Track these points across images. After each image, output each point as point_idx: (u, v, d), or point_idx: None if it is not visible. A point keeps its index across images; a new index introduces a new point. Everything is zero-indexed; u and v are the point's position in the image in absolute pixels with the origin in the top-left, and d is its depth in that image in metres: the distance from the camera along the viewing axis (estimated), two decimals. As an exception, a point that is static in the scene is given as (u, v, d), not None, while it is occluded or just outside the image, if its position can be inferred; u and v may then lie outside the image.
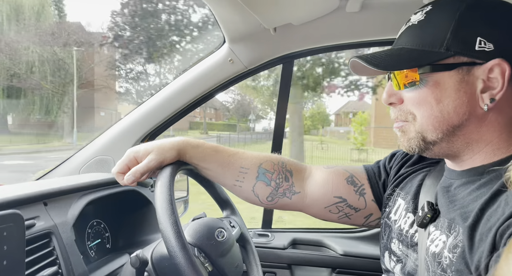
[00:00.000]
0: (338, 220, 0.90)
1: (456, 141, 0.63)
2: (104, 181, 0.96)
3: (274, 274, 1.33)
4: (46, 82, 17.62)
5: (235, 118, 29.14)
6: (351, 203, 0.87)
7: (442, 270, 0.58)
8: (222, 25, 1.13)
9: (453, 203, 0.62)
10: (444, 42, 0.60)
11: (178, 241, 0.67)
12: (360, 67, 0.73)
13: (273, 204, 0.90)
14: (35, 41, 17.07)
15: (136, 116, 1.29)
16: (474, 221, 0.55)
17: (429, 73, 0.61)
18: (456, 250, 0.57)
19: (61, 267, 0.70)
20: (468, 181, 0.62)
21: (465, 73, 0.60)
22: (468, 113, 0.61)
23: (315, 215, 0.91)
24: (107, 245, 1.04)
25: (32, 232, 0.67)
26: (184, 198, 1.40)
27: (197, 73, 1.25)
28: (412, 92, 0.64)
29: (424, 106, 0.63)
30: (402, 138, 0.68)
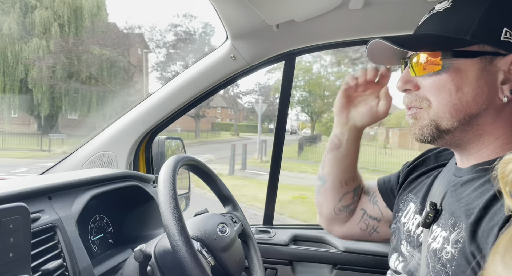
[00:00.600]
0: (371, 236, 0.93)
1: (469, 131, 0.63)
2: (107, 176, 0.96)
3: (276, 270, 1.34)
4: (113, 85, 17.60)
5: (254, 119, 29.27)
6: (370, 212, 0.92)
7: (442, 265, 0.59)
8: (225, 21, 1.13)
9: (460, 201, 0.62)
10: (470, 30, 0.60)
11: (182, 236, 0.68)
12: (377, 54, 0.73)
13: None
14: (100, 44, 17.06)
15: (138, 112, 1.29)
16: (477, 218, 0.55)
17: (451, 59, 0.61)
18: (457, 245, 0.57)
19: (66, 260, 0.71)
20: (474, 177, 0.62)
21: (487, 62, 0.60)
22: (487, 103, 0.60)
23: (351, 236, 0.96)
24: (109, 240, 1.04)
25: (37, 225, 0.67)
26: (185, 194, 1.41)
27: (199, 69, 1.26)
28: (430, 78, 0.63)
29: (443, 93, 0.62)
30: (414, 126, 0.67)
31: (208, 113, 25.20)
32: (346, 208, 0.93)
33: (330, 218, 0.95)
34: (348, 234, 0.96)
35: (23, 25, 16.19)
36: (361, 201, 0.94)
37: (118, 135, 1.30)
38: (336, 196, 0.92)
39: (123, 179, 1.03)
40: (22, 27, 16.16)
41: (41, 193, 0.73)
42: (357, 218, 0.93)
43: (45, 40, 16.18)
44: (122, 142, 1.29)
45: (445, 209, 0.65)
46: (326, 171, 0.93)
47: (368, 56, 0.74)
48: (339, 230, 0.96)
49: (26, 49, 16.06)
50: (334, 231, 0.97)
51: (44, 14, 16.20)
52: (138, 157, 1.35)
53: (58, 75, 16.46)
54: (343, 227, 0.95)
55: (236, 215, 1.00)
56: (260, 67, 1.28)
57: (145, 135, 1.33)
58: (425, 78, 0.64)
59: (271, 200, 1.45)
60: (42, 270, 0.65)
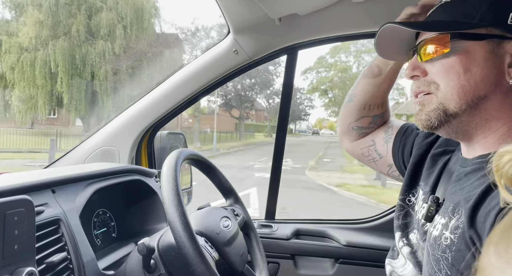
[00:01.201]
0: (368, 163, 1.00)
1: (477, 115, 0.63)
2: (110, 171, 0.96)
3: (278, 264, 1.35)
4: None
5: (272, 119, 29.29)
6: (378, 147, 0.96)
7: (442, 251, 0.60)
8: (227, 15, 1.13)
9: (462, 190, 0.62)
10: (478, 14, 0.61)
11: (186, 232, 0.68)
12: (385, 47, 0.75)
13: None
14: (157, 46, 16.98)
15: (140, 107, 1.29)
16: (475, 203, 0.56)
17: (460, 40, 0.62)
18: (457, 231, 0.58)
19: (70, 253, 0.71)
20: (478, 168, 0.62)
21: (495, 45, 0.61)
22: (494, 85, 0.61)
23: (354, 154, 1.04)
24: (112, 234, 1.05)
25: (41, 218, 0.68)
26: (187, 189, 1.41)
27: (201, 64, 1.25)
28: (439, 62, 0.64)
29: (451, 75, 0.62)
30: (420, 112, 0.67)
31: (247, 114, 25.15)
32: (359, 129, 0.99)
33: (343, 131, 1.03)
34: (351, 151, 1.05)
35: (88, 27, 16.06)
36: (376, 133, 0.98)
37: (120, 130, 1.30)
38: (355, 115, 0.98)
39: (125, 173, 1.03)
40: (88, 30, 16.04)
41: (45, 186, 0.74)
42: (364, 144, 0.99)
43: (110, 42, 16.04)
44: (124, 137, 1.29)
45: (447, 198, 0.66)
46: (356, 92, 0.98)
47: (376, 49, 0.75)
48: (346, 144, 1.05)
49: (92, 52, 15.89)
50: (343, 142, 1.06)
51: (109, 16, 16.03)
52: (140, 151, 1.35)
53: (123, 77, 16.40)
54: (350, 143, 1.03)
55: (237, 207, 1.00)
56: (262, 62, 1.28)
57: (147, 130, 1.33)
58: (434, 63, 0.65)
59: (273, 195, 1.45)
60: (47, 262, 0.66)
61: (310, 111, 33.12)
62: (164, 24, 20.31)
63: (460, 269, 0.56)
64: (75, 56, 15.83)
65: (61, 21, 15.64)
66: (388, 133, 0.95)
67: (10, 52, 15.69)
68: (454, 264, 0.57)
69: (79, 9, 16.01)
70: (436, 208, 0.67)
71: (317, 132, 39.39)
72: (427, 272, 0.64)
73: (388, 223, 1.38)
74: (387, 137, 0.95)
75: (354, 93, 0.98)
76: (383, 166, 0.96)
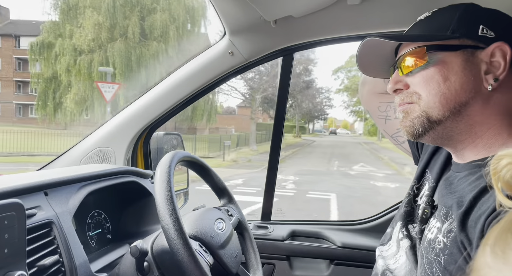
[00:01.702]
0: (378, 119, 1.00)
1: (460, 122, 0.65)
2: (104, 172, 0.96)
3: (273, 265, 1.35)
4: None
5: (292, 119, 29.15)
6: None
7: (436, 254, 0.61)
8: (223, 17, 1.13)
9: (454, 194, 0.64)
10: (449, 27, 0.65)
11: (181, 239, 0.68)
12: (366, 64, 0.77)
13: None
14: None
15: (136, 108, 1.29)
16: (467, 208, 0.57)
17: (436, 51, 0.65)
18: (450, 234, 0.59)
19: (62, 256, 0.71)
20: (470, 173, 0.63)
21: (470, 54, 0.64)
22: (474, 91, 0.63)
23: (368, 104, 1.02)
24: (107, 235, 1.05)
25: (33, 221, 0.68)
26: (184, 189, 1.41)
27: (197, 65, 1.25)
28: (419, 73, 0.67)
29: (431, 85, 0.65)
30: (404, 119, 0.69)
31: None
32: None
33: (372, 79, 0.97)
34: (367, 100, 1.02)
35: (141, 29, 15.90)
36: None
37: (116, 131, 1.30)
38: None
39: (121, 174, 1.03)
40: (141, 31, 15.88)
41: (37, 189, 0.74)
42: (387, 99, 0.97)
43: (164, 43, 15.89)
44: (120, 138, 1.30)
45: (439, 201, 0.67)
46: None
47: (358, 65, 0.78)
48: (366, 92, 1.02)
49: (146, 53, 15.74)
50: (363, 89, 1.03)
51: (162, 17, 15.86)
52: (136, 152, 1.35)
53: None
54: (371, 93, 1.00)
55: (231, 207, 1.01)
56: (258, 63, 1.28)
57: (143, 131, 1.33)
58: (414, 75, 0.68)
59: (269, 196, 1.45)
60: (38, 265, 0.66)
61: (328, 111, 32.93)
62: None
63: (452, 272, 0.56)
64: (130, 58, 15.69)
65: (117, 23, 15.50)
66: None
67: (64, 54, 15.50)
68: (447, 267, 0.57)
69: (133, 10, 15.86)
70: (431, 210, 0.68)
71: (335, 132, 39.08)
72: (420, 275, 0.65)
73: (383, 224, 1.39)
74: None
75: None
76: (392, 126, 0.97)
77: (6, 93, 21.19)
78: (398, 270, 0.76)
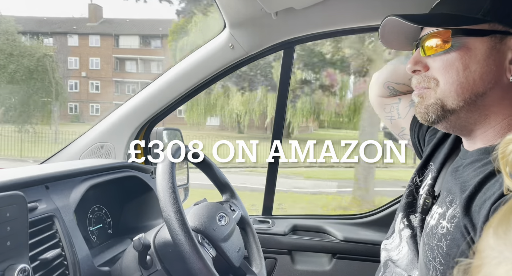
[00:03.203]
0: (385, 119, 0.99)
1: (475, 111, 0.63)
2: (105, 166, 0.95)
3: (275, 259, 1.35)
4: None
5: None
6: (401, 107, 0.94)
7: (438, 240, 0.60)
8: (223, 9, 1.11)
9: (458, 179, 0.63)
10: (481, 9, 0.60)
11: (183, 230, 0.67)
12: (389, 37, 0.73)
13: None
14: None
15: (136, 102, 1.28)
16: (471, 193, 0.56)
17: (462, 36, 0.61)
18: (453, 220, 0.59)
19: (64, 249, 0.70)
20: (477, 159, 0.63)
21: (497, 41, 0.60)
22: (493, 82, 0.61)
23: (376, 106, 1.02)
24: (108, 230, 1.04)
25: (34, 214, 0.67)
26: (184, 185, 1.40)
27: (197, 58, 1.24)
28: (440, 58, 0.63)
29: (450, 72, 0.62)
30: (419, 105, 0.67)
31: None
32: (393, 90, 0.96)
33: (377, 84, 0.99)
34: (375, 103, 1.02)
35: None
36: (405, 95, 0.96)
37: (115, 126, 1.29)
38: (399, 78, 0.94)
39: (121, 169, 1.02)
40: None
41: (38, 182, 0.73)
42: (390, 101, 0.97)
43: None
44: (120, 133, 1.28)
45: (444, 188, 0.67)
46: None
47: (381, 40, 0.74)
48: (373, 96, 1.02)
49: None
50: (371, 93, 1.03)
51: None
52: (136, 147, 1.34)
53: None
54: (376, 97, 1.01)
55: (234, 202, 1.00)
56: (259, 57, 1.27)
57: (143, 126, 1.32)
58: (435, 58, 0.64)
59: (270, 190, 1.45)
60: (41, 259, 0.65)
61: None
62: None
63: (454, 257, 0.56)
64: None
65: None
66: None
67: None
68: (449, 252, 0.57)
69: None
70: (432, 201, 0.68)
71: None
72: (422, 261, 0.65)
73: (385, 218, 1.38)
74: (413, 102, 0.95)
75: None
76: (397, 126, 0.96)
77: (105, 93, 20.44)
78: (400, 261, 0.76)
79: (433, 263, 0.60)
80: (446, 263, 0.58)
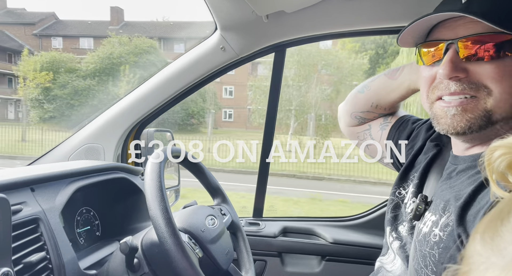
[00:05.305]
0: (360, 146, 0.99)
1: (508, 124, 0.59)
2: (93, 168, 0.95)
3: (265, 262, 1.35)
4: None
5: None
6: (373, 132, 0.95)
7: (430, 248, 0.60)
8: (214, 12, 1.11)
9: (452, 188, 0.62)
10: None
11: (168, 227, 0.67)
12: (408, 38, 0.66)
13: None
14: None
15: (126, 104, 1.27)
16: (465, 202, 0.55)
17: None
18: (447, 228, 0.58)
19: (49, 252, 0.69)
20: (470, 166, 0.62)
21: None
22: None
23: (349, 136, 1.03)
24: (96, 232, 1.03)
25: (18, 217, 0.66)
26: (175, 187, 1.40)
27: (188, 60, 1.24)
28: (493, 64, 0.56)
29: (508, 81, 0.56)
30: (459, 117, 0.59)
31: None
32: (361, 119, 0.97)
33: (344, 115, 1.01)
34: (346, 133, 1.04)
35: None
36: (376, 121, 0.97)
37: (105, 127, 1.28)
38: (362, 107, 0.95)
39: (110, 171, 1.01)
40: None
41: (24, 185, 0.72)
42: (361, 129, 0.98)
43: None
44: (110, 134, 1.27)
45: (437, 195, 0.66)
46: (370, 85, 0.95)
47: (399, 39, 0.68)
48: (343, 126, 1.04)
49: None
50: (340, 123, 1.05)
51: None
52: (126, 149, 1.34)
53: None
54: (346, 127, 1.02)
55: (225, 207, 1.00)
56: (250, 59, 1.27)
57: (133, 127, 1.31)
58: (481, 63, 0.57)
59: (260, 192, 1.45)
60: (24, 262, 0.64)
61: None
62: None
63: (446, 265, 0.56)
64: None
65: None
66: (386, 121, 0.95)
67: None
68: (441, 261, 0.57)
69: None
70: (424, 207, 0.67)
71: None
72: (413, 268, 0.64)
73: (374, 221, 1.39)
74: (384, 124, 0.94)
75: (368, 85, 0.95)
76: (374, 150, 0.96)
77: (239, 98, 19.39)
78: (393, 272, 0.77)
79: (425, 271, 0.60)
80: (438, 271, 0.57)
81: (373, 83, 0.95)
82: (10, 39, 22.93)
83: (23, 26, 23.14)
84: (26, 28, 23.02)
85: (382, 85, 0.92)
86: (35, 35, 23.00)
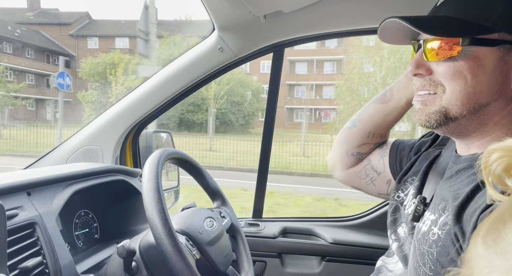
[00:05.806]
0: (366, 187, 0.95)
1: (475, 120, 0.62)
2: (91, 171, 0.94)
3: (265, 262, 1.34)
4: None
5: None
6: (374, 164, 0.92)
7: (429, 246, 0.60)
8: (211, 12, 1.11)
9: (452, 187, 0.63)
10: (492, 17, 0.58)
11: (165, 228, 0.67)
12: (387, 34, 0.70)
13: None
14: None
15: (124, 105, 1.27)
16: (463, 201, 0.56)
17: (470, 46, 0.59)
18: (445, 227, 0.59)
19: (46, 257, 0.69)
20: (470, 165, 0.63)
21: (506, 52, 0.58)
22: (499, 93, 0.60)
23: (350, 182, 0.97)
24: (95, 235, 1.03)
25: (14, 222, 0.66)
26: (174, 188, 1.39)
27: (186, 61, 1.23)
28: (446, 64, 0.61)
29: (458, 80, 0.60)
30: (421, 111, 0.65)
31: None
32: (358, 155, 0.94)
33: (339, 159, 0.96)
34: (346, 178, 0.98)
35: None
36: (373, 153, 0.94)
37: (104, 129, 1.27)
38: (357, 142, 0.93)
39: (108, 173, 1.01)
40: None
41: (19, 189, 0.71)
42: (360, 166, 0.95)
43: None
44: (108, 136, 1.27)
45: (437, 195, 0.66)
46: (361, 118, 0.93)
47: (379, 35, 0.71)
48: (340, 172, 0.98)
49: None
50: (336, 171, 0.99)
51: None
52: (124, 150, 1.33)
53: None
54: (345, 170, 0.97)
55: (224, 209, 0.99)
56: (248, 59, 1.26)
57: (131, 128, 1.30)
58: (439, 63, 0.62)
59: (260, 193, 1.44)
60: (20, 268, 0.64)
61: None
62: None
63: (444, 264, 0.57)
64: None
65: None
66: (383, 149, 0.93)
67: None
68: (439, 259, 0.58)
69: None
70: (423, 208, 0.68)
71: None
72: (412, 266, 0.65)
73: (374, 221, 1.39)
74: (382, 152, 0.93)
75: (359, 118, 0.94)
76: (382, 183, 0.93)
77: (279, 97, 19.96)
78: (394, 271, 0.78)
79: (423, 269, 0.61)
80: (435, 269, 0.58)
81: (364, 115, 0.93)
82: (47, 40, 22.89)
83: (59, 26, 23.09)
84: (62, 28, 22.99)
85: (375, 113, 0.91)
86: (72, 36, 22.95)
